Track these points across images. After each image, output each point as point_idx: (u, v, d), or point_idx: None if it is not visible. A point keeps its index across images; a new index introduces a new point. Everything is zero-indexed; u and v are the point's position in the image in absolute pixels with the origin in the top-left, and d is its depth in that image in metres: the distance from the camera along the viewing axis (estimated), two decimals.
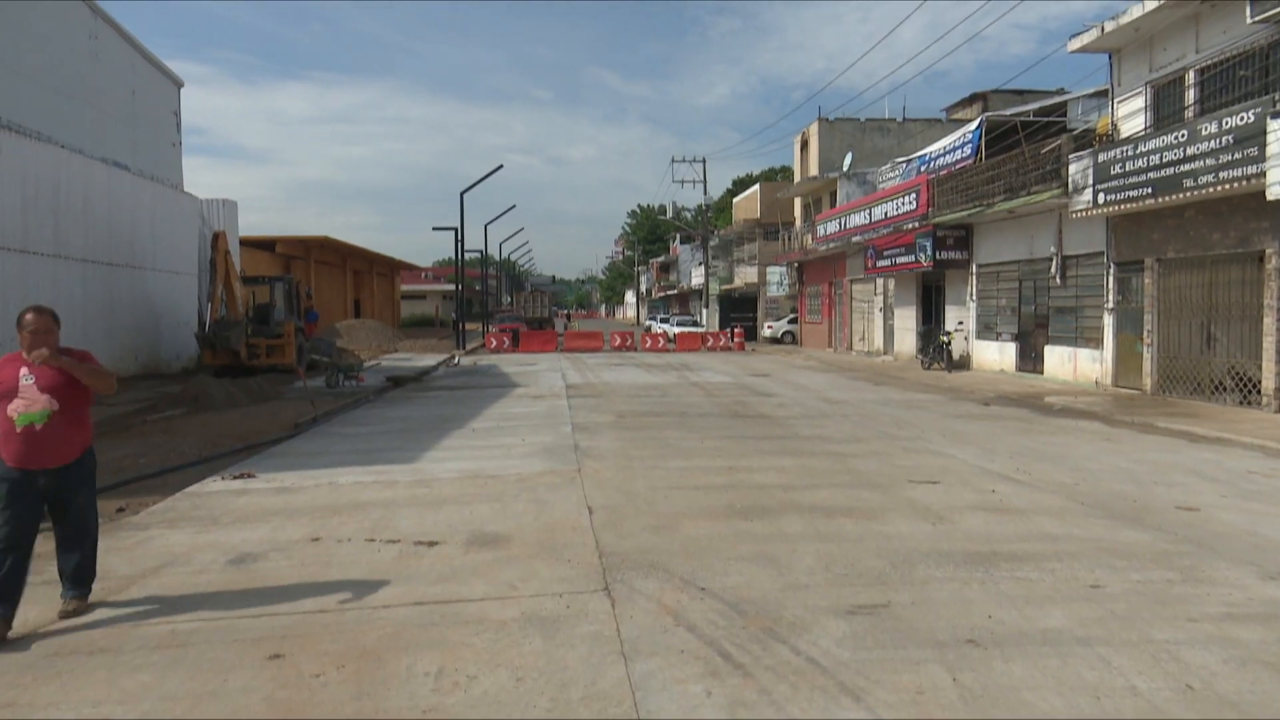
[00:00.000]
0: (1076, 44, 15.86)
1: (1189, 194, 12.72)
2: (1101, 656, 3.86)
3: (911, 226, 22.32)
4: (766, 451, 9.44)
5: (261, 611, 4.48)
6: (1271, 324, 12.18)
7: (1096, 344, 16.43)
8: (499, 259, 69.79)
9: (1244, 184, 11.72)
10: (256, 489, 7.64)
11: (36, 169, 15.19)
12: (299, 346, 19.12)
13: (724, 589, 4.78)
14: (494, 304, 64.64)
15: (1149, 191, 13.51)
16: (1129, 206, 14.20)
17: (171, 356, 20.68)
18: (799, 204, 36.33)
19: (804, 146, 35.23)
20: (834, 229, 28.37)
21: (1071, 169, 15.62)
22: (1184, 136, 12.75)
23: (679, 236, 65.92)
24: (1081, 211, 15.41)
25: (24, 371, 4.30)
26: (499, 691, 3.53)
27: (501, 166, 34.26)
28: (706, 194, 46.76)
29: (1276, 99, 11.27)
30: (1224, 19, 13.13)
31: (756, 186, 46.02)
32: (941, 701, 3.44)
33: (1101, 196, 14.74)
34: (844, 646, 3.97)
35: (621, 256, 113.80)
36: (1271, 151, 11.08)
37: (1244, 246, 12.69)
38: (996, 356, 20.15)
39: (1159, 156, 13.23)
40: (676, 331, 37.20)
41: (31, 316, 4.33)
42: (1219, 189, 12.15)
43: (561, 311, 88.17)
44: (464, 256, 35.28)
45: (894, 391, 16.49)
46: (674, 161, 46.79)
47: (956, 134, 22.40)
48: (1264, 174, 11.26)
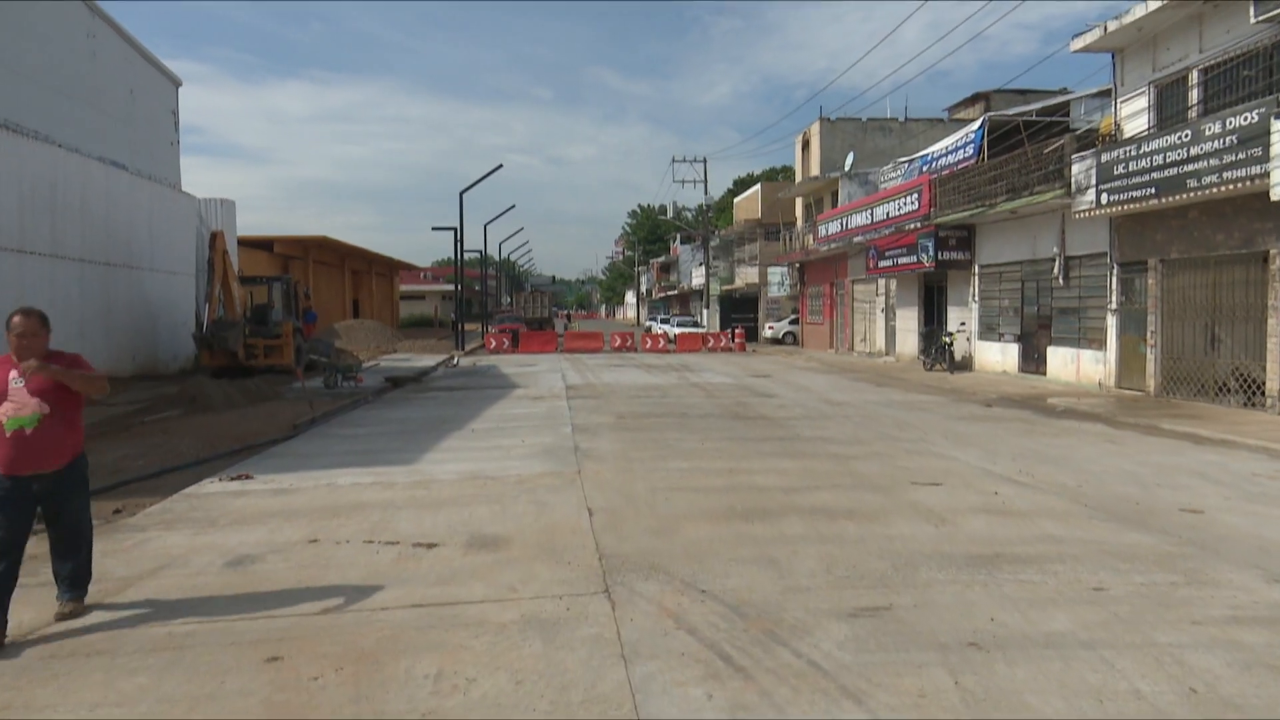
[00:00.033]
0: (1079, 44, 15.82)
1: (1192, 194, 12.69)
2: (1105, 659, 3.85)
3: (913, 227, 22.29)
4: (767, 453, 9.42)
5: (259, 614, 4.47)
6: (1276, 325, 12.14)
7: (1100, 345, 16.39)
8: (498, 259, 69.77)
9: (1248, 184, 11.68)
10: (254, 490, 7.63)
11: (33, 168, 15.12)
12: (297, 347, 19.06)
13: (725, 591, 4.77)
14: (493, 304, 64.55)
15: (1152, 192, 13.47)
16: (1132, 207, 14.16)
17: (169, 357, 20.58)
18: (800, 204, 36.31)
19: (805, 146, 35.22)
20: (835, 229, 28.34)
21: (1074, 169, 15.59)
22: (1187, 137, 12.71)
23: (679, 237, 65.92)
24: (1084, 212, 15.37)
25: (13, 375, 4.23)
26: (498, 694, 3.52)
27: (501, 166, 34.26)
28: (707, 194, 46.76)
29: None
30: (1227, 19, 13.10)
31: (757, 186, 45.91)
32: (944, 704, 3.42)
33: (1105, 197, 14.70)
34: (845, 649, 3.96)
35: (622, 257, 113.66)
36: (1275, 152, 11.04)
37: (1248, 247, 12.66)
38: (999, 358, 20.11)
39: (1162, 157, 13.20)
40: (677, 332, 37.13)
41: (19, 319, 4.25)
42: (1223, 189, 12.11)
43: (561, 312, 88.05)
44: (463, 256, 35.21)
45: (896, 393, 16.46)
46: (674, 161, 46.78)
47: (959, 134, 22.37)
48: (1268, 174, 11.22)
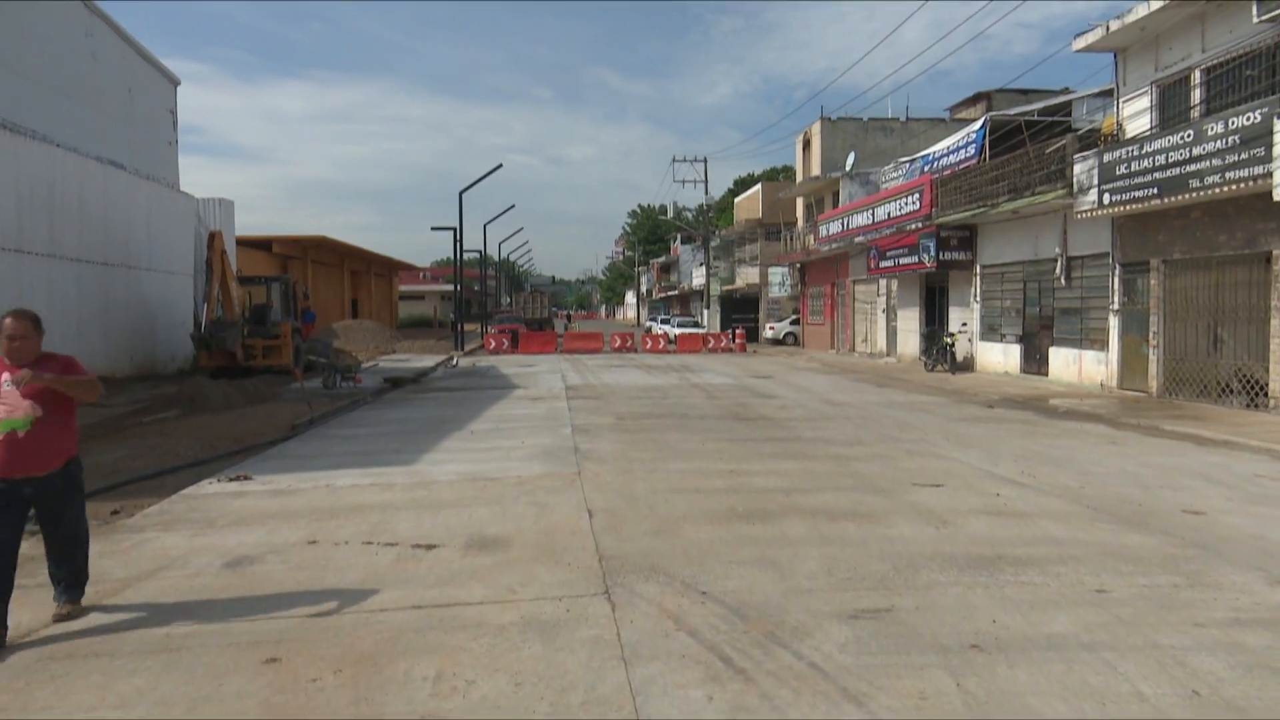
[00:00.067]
0: (1081, 43, 15.80)
1: (1195, 195, 12.66)
2: (1107, 662, 3.83)
3: (915, 227, 22.26)
4: (768, 454, 9.39)
5: (258, 615, 4.46)
6: (1279, 326, 12.10)
7: (1102, 346, 16.36)
8: (498, 259, 69.50)
9: (1250, 185, 11.66)
10: (253, 491, 7.60)
11: (31, 168, 15.10)
12: (296, 347, 19.01)
13: (725, 593, 4.75)
14: (493, 305, 64.34)
15: (1155, 192, 13.44)
16: (1134, 207, 14.13)
17: (167, 357, 20.55)
18: (801, 204, 36.28)
19: (806, 146, 35.19)
20: (836, 229, 28.32)
21: (1076, 169, 15.56)
22: (1190, 137, 12.68)
23: (680, 237, 65.86)
24: (1086, 212, 15.34)
25: (5, 378, 4.17)
26: (498, 696, 3.51)
27: (501, 166, 34.21)
28: (708, 194, 46.69)
29: None
30: (1230, 18, 13.07)
31: (758, 186, 45.83)
32: (945, 707, 3.41)
33: (1107, 197, 14.67)
34: (846, 651, 3.94)
35: (622, 257, 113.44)
36: (1278, 152, 11.01)
37: (1250, 248, 12.62)
38: (1001, 358, 20.08)
39: (1165, 157, 13.17)
40: (677, 333, 37.06)
41: (10, 322, 4.17)
42: (1225, 190, 12.08)
43: (561, 312, 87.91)
44: (463, 256, 35.11)
45: (897, 393, 16.43)
46: (675, 161, 46.73)
47: (960, 134, 22.34)
48: (1271, 174, 11.20)
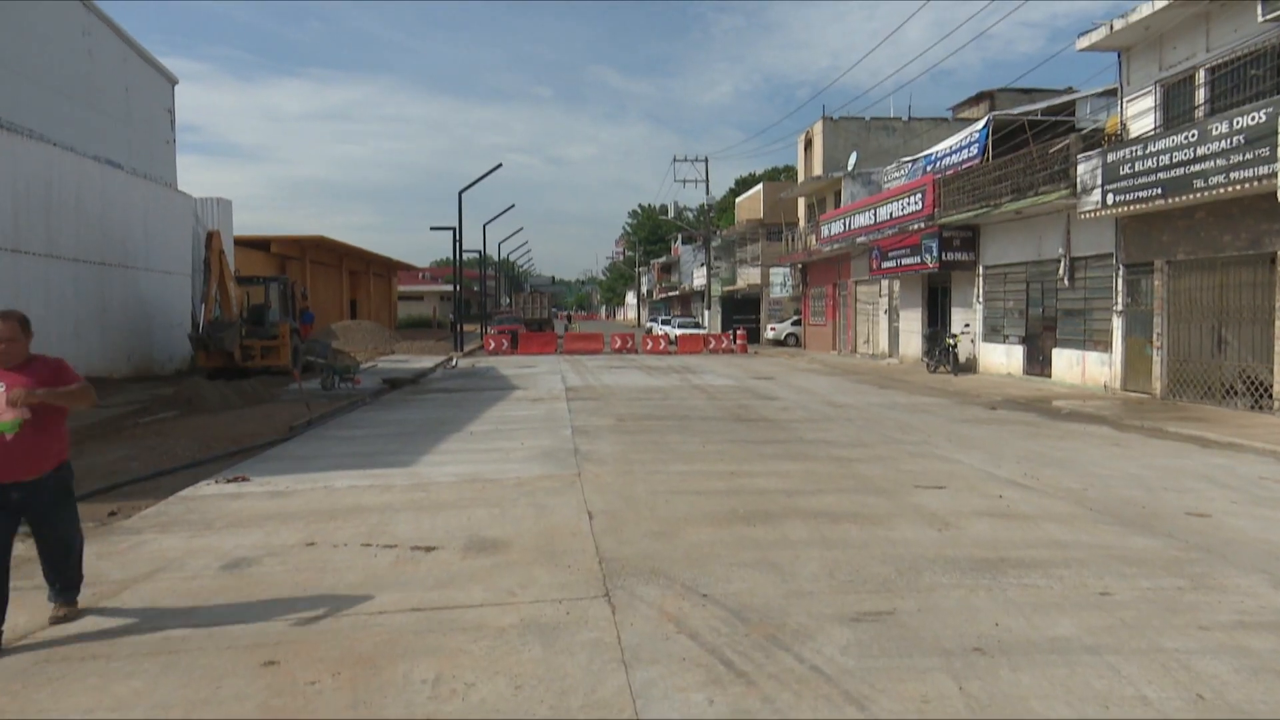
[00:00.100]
0: (1085, 42, 15.75)
1: (1199, 195, 12.61)
2: (1111, 665, 3.81)
3: (917, 227, 22.23)
4: (769, 456, 9.36)
5: (255, 617, 4.44)
6: None
7: (1105, 347, 16.31)
8: (498, 259, 69.35)
9: (1255, 185, 11.61)
10: (251, 493, 7.58)
11: (28, 167, 15.04)
12: (294, 348, 18.87)
13: (726, 595, 4.73)
14: (492, 305, 64.20)
15: (1159, 192, 13.40)
16: (1138, 207, 14.09)
17: (164, 358, 20.44)
18: (803, 204, 36.24)
19: (808, 146, 35.15)
20: (838, 229, 28.29)
21: (1080, 169, 15.51)
22: (1194, 136, 12.64)
23: (680, 237, 65.75)
24: (1090, 212, 15.30)
25: None
26: (497, 699, 3.49)
27: (500, 165, 34.18)
28: (709, 194, 46.53)
29: None
30: (1234, 17, 13.02)
31: (759, 186, 45.72)
32: (947, 710, 3.39)
33: (1110, 197, 14.63)
34: (848, 654, 3.92)
35: (622, 257, 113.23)
36: None
37: (1255, 248, 12.58)
38: (1003, 359, 20.03)
39: (1169, 157, 13.13)
40: (678, 333, 36.99)
41: None
42: (1230, 190, 12.04)
43: (561, 313, 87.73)
44: (462, 257, 34.96)
45: (899, 395, 16.40)
46: (676, 161, 46.63)
47: (963, 133, 22.31)
48: (1276, 175, 11.16)
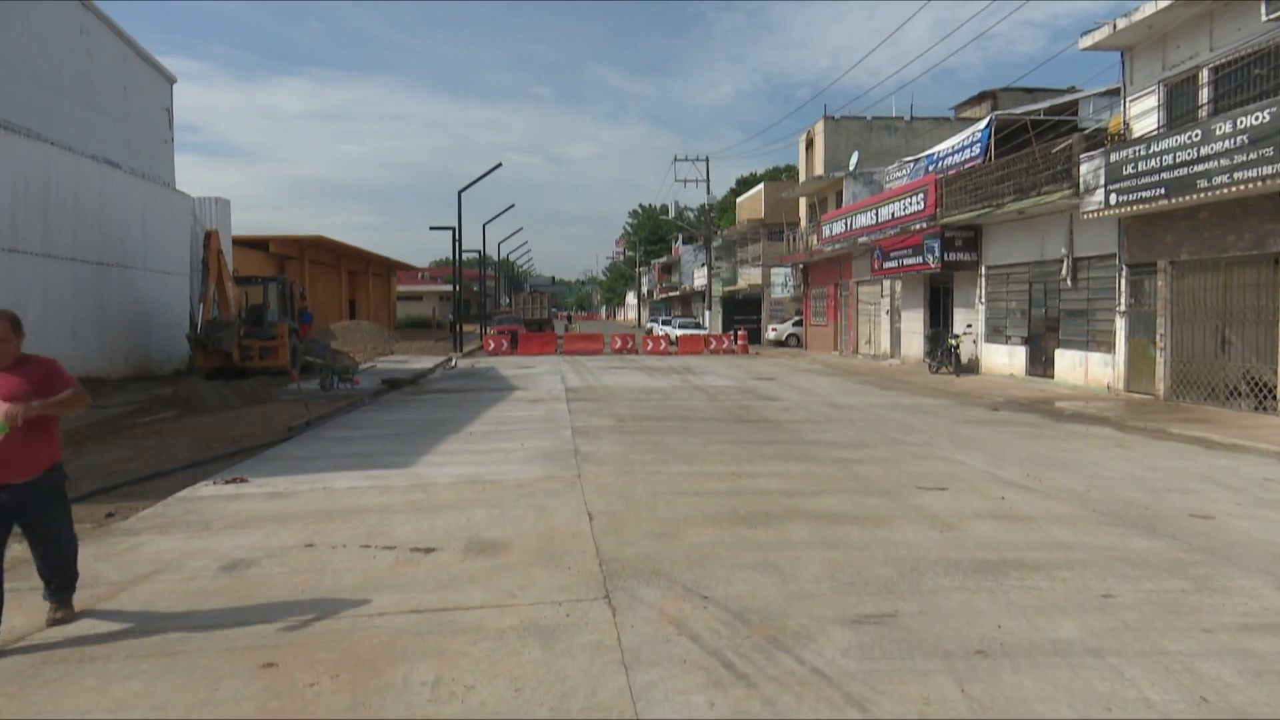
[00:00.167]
0: (1088, 41, 15.71)
1: (1203, 195, 12.57)
2: (1114, 668, 3.80)
3: (919, 227, 22.19)
4: (770, 457, 9.34)
5: (254, 619, 4.43)
6: None
7: (1108, 348, 16.26)
8: (497, 259, 69.22)
9: (1259, 185, 11.58)
10: (249, 494, 7.56)
11: (26, 166, 15.00)
12: (293, 348, 18.79)
13: (727, 597, 4.71)
14: (492, 305, 64.12)
15: (1162, 192, 13.36)
16: (1141, 208, 14.05)
17: (163, 358, 20.36)
18: (804, 204, 36.21)
19: (809, 145, 35.12)
20: (840, 229, 28.25)
21: (1083, 169, 15.48)
22: (1198, 136, 12.60)
23: (681, 237, 65.67)
24: (1093, 212, 15.26)
25: None
26: (497, 702, 3.48)
27: (500, 165, 33.96)
28: (710, 193, 46.52)
29: None
30: (1238, 17, 12.98)
31: (761, 186, 45.62)
32: (950, 713, 3.38)
33: (1113, 197, 14.59)
34: (850, 656, 3.91)
35: (622, 257, 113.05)
36: None
37: (1259, 249, 12.54)
38: (1006, 360, 19.98)
39: (1172, 156, 13.09)
40: (679, 334, 36.92)
41: None
42: (1233, 190, 12.00)
43: (561, 313, 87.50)
44: (461, 256, 34.84)
45: (901, 396, 16.38)
46: (676, 160, 46.59)
47: (965, 133, 22.26)
48: (1279, 175, 11.11)
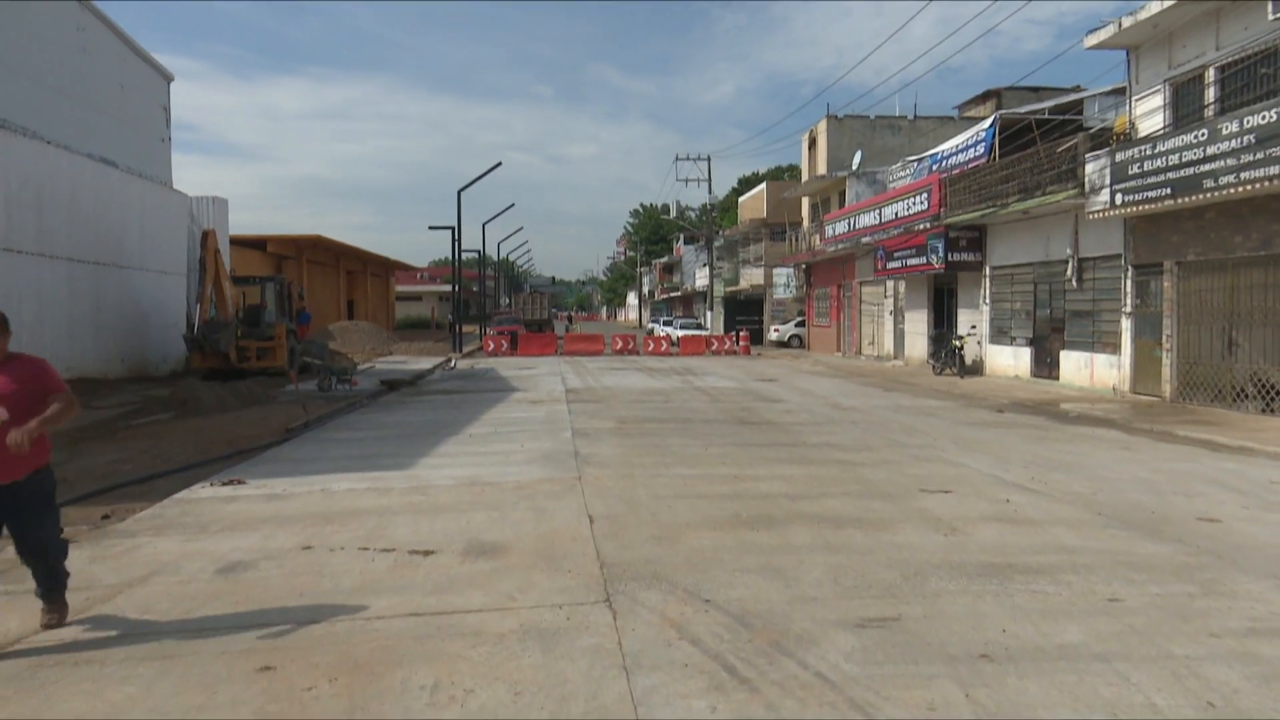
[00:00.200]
0: (1093, 40, 15.65)
1: (1209, 195, 12.51)
2: (1120, 672, 3.77)
3: (923, 227, 22.13)
4: (773, 459, 9.30)
5: (251, 622, 4.40)
6: None
7: (1114, 349, 16.19)
8: (497, 259, 69.11)
9: (1266, 185, 11.52)
10: (247, 496, 7.52)
11: (20, 165, 14.93)
12: (291, 349, 18.74)
13: (729, 601, 4.69)
14: (492, 306, 63.95)
15: (1168, 192, 13.30)
16: (1147, 208, 13.99)
17: (159, 359, 20.26)
18: (806, 204, 36.17)
19: (812, 145, 35.06)
20: (843, 229, 28.20)
21: (1088, 169, 15.42)
22: (1204, 136, 12.54)
23: (683, 237, 65.68)
24: (1098, 212, 15.20)
25: None
26: (497, 706, 3.45)
27: (500, 164, 33.76)
28: (711, 193, 46.40)
29: None
30: (1245, 15, 12.92)
31: (763, 185, 45.53)
32: (954, 717, 3.35)
33: (1119, 197, 14.53)
34: (853, 661, 3.88)
35: (623, 257, 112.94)
36: None
37: (1266, 249, 12.47)
38: (1010, 362, 19.92)
39: (1178, 156, 13.03)
40: (680, 335, 36.89)
41: None
42: (1240, 190, 11.94)
43: (562, 314, 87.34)
44: (461, 256, 34.70)
45: (904, 397, 16.33)
46: (678, 160, 46.38)
47: (969, 132, 22.21)
48: None
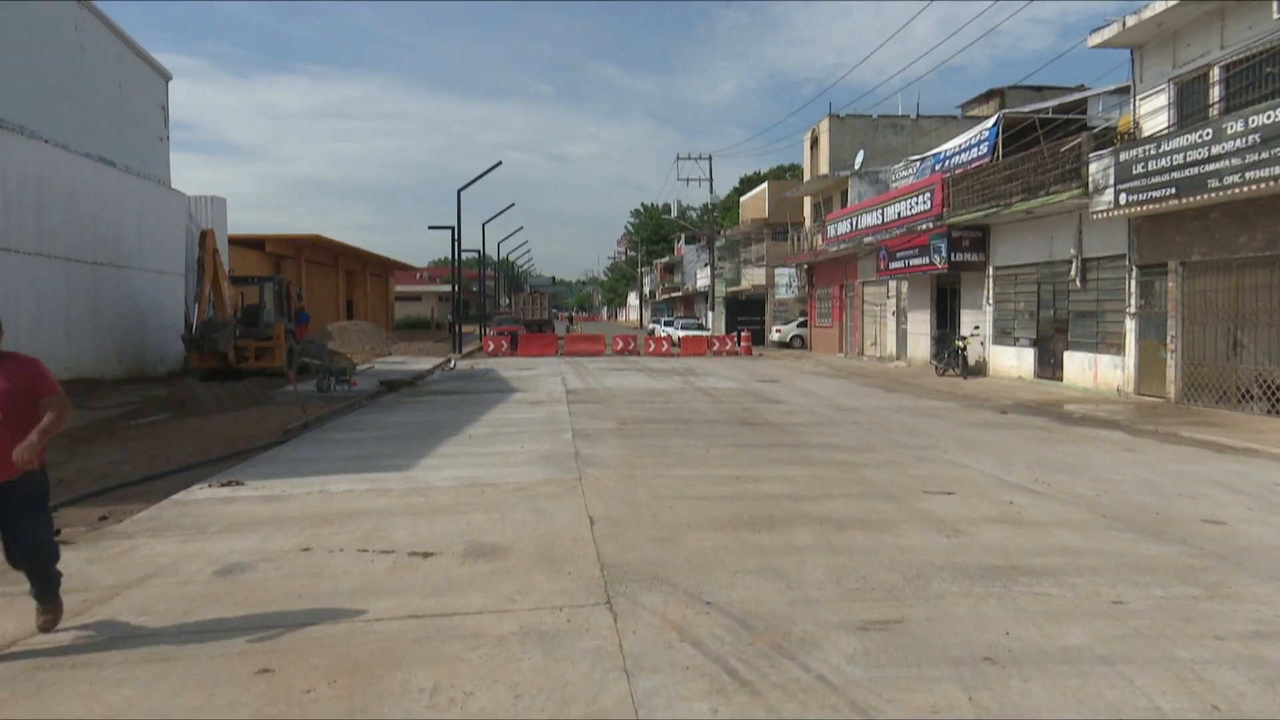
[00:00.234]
0: (1097, 39, 15.61)
1: (1214, 195, 12.47)
2: (1124, 675, 3.75)
3: (925, 227, 22.08)
4: (774, 460, 9.27)
5: (250, 624, 4.38)
6: None
7: (1118, 350, 16.14)
8: (497, 259, 68.96)
9: (1272, 185, 11.47)
10: (245, 497, 7.50)
11: (18, 164, 14.95)
12: (289, 349, 18.71)
13: (730, 603, 4.66)
14: (491, 306, 63.78)
15: (1172, 192, 13.25)
16: (1151, 207, 13.94)
17: (157, 359, 20.26)
18: (808, 203, 36.12)
19: (814, 144, 35.00)
20: (845, 229, 28.15)
21: (1092, 168, 15.37)
22: (1208, 135, 12.49)
23: (684, 236, 65.68)
24: (1102, 212, 15.15)
25: None
26: (497, 709, 3.44)
27: (500, 163, 33.68)
28: (712, 193, 46.42)
29: None
30: (1249, 14, 12.87)
31: (764, 185, 45.53)
32: None
33: (1123, 197, 14.48)
34: (855, 664, 3.86)
35: (624, 257, 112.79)
36: None
37: (1271, 249, 12.42)
38: (1014, 362, 19.86)
39: (1183, 156, 12.98)
40: (681, 335, 36.80)
41: None
42: (1245, 189, 11.89)
43: (562, 314, 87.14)
44: (461, 256, 34.58)
45: (907, 398, 16.29)
46: (679, 159, 46.63)
47: (972, 131, 22.14)
48: None
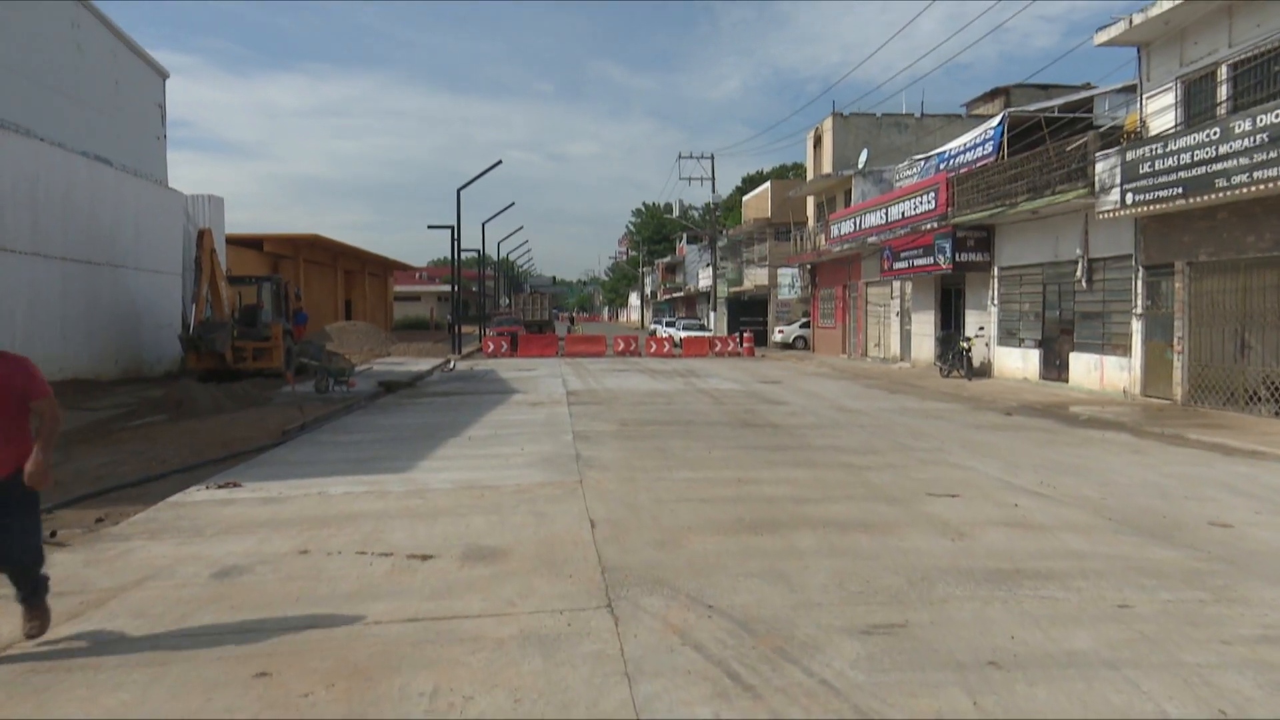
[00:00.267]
0: (1103, 37, 15.54)
1: (1221, 194, 12.39)
2: (1130, 680, 3.72)
3: (930, 227, 22.02)
4: (777, 463, 9.24)
5: (247, 627, 4.37)
6: None
7: (1124, 351, 16.07)
8: (497, 259, 68.83)
9: (1279, 184, 11.37)
10: (242, 499, 7.49)
11: (14, 163, 14.94)
12: (287, 350, 18.71)
13: (732, 607, 4.64)
14: (491, 306, 63.68)
15: (1179, 192, 13.18)
16: (1158, 207, 13.87)
17: (154, 359, 20.23)
18: (812, 203, 36.07)
19: (817, 143, 34.94)
20: (848, 229, 28.10)
21: (1098, 168, 15.30)
22: (1216, 134, 12.42)
23: (686, 236, 65.62)
24: (1108, 212, 15.08)
25: None
26: (496, 713, 3.43)
27: (500, 162, 33.52)
28: (715, 192, 46.31)
29: None
30: (1258, 12, 12.80)
31: (767, 184, 45.49)
32: None
33: (1129, 197, 14.41)
34: (859, 668, 3.85)
35: (625, 257, 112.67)
36: None
37: (1279, 249, 12.32)
38: (1019, 364, 19.79)
39: (1190, 155, 12.91)
40: (683, 336, 36.75)
41: None
42: (1253, 189, 11.82)
43: (563, 315, 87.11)
44: (460, 256, 34.47)
45: (911, 400, 16.25)
46: (681, 158, 46.56)
47: (977, 130, 22.06)
48: None
